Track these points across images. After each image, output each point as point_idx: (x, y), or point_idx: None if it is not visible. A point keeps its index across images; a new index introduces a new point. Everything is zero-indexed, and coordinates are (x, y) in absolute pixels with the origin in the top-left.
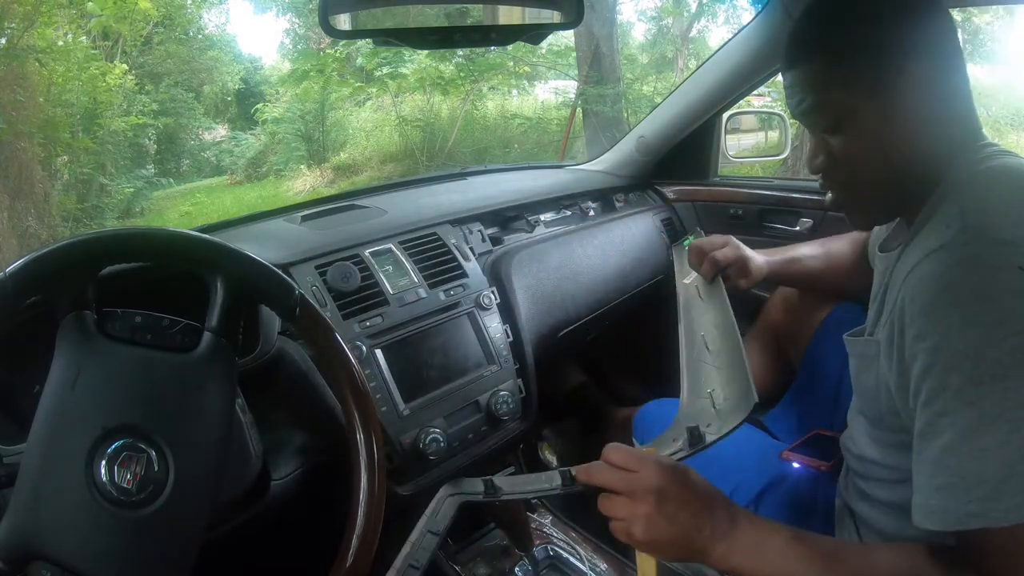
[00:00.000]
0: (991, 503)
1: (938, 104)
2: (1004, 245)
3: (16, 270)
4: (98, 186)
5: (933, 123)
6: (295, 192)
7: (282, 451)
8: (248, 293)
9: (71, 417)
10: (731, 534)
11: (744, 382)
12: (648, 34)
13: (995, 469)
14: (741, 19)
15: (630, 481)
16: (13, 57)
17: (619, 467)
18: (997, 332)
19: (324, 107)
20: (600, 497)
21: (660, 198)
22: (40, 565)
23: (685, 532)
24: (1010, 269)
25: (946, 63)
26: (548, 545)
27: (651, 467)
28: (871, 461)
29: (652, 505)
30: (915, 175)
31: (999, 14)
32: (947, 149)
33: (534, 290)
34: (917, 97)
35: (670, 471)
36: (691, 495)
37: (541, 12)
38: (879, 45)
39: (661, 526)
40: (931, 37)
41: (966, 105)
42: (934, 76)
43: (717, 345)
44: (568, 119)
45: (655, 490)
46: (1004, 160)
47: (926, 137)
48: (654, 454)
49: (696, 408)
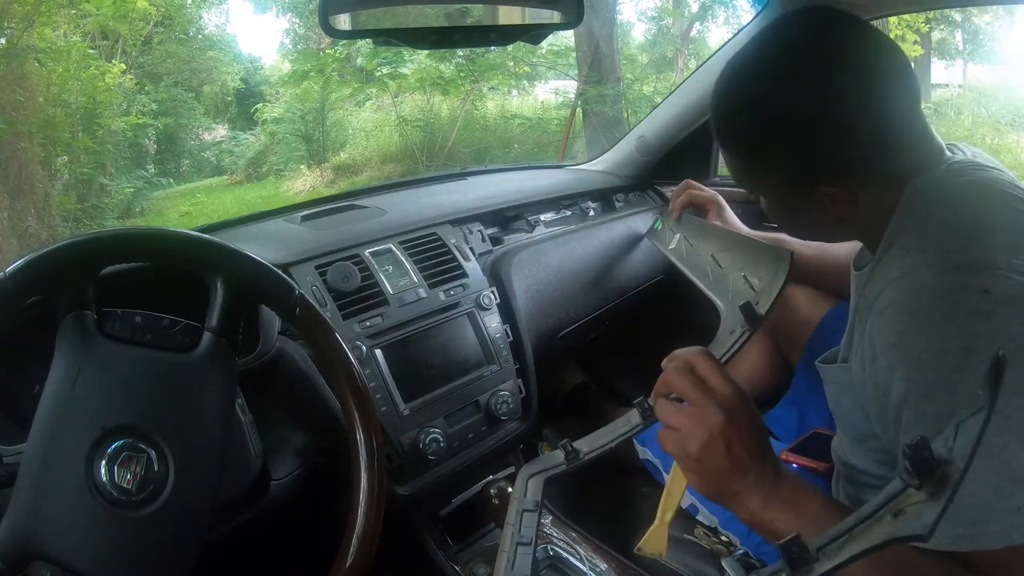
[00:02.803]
0: (981, 526)
1: (866, 172)
2: (966, 269)
3: (16, 270)
4: (98, 186)
5: (861, 191)
6: (295, 192)
7: (282, 451)
8: (248, 293)
9: (71, 417)
10: (772, 488)
11: (767, 250)
12: (648, 34)
13: (981, 494)
14: (741, 19)
15: (706, 394)
16: (13, 57)
17: (700, 376)
18: (968, 359)
19: (324, 107)
20: (663, 400)
21: (660, 198)
22: (40, 565)
23: (732, 468)
24: (974, 293)
25: (877, 94)
26: (548, 545)
27: (731, 387)
28: (860, 470)
29: (719, 426)
30: (854, 224)
31: (999, 14)
32: (899, 180)
33: (534, 290)
34: (832, 183)
35: (747, 400)
36: (753, 435)
37: (541, 12)
38: (789, 146)
39: (717, 449)
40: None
41: (911, 125)
42: (867, 124)
43: (727, 256)
44: (568, 119)
45: (728, 411)
46: (961, 179)
47: (853, 204)
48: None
49: (737, 304)
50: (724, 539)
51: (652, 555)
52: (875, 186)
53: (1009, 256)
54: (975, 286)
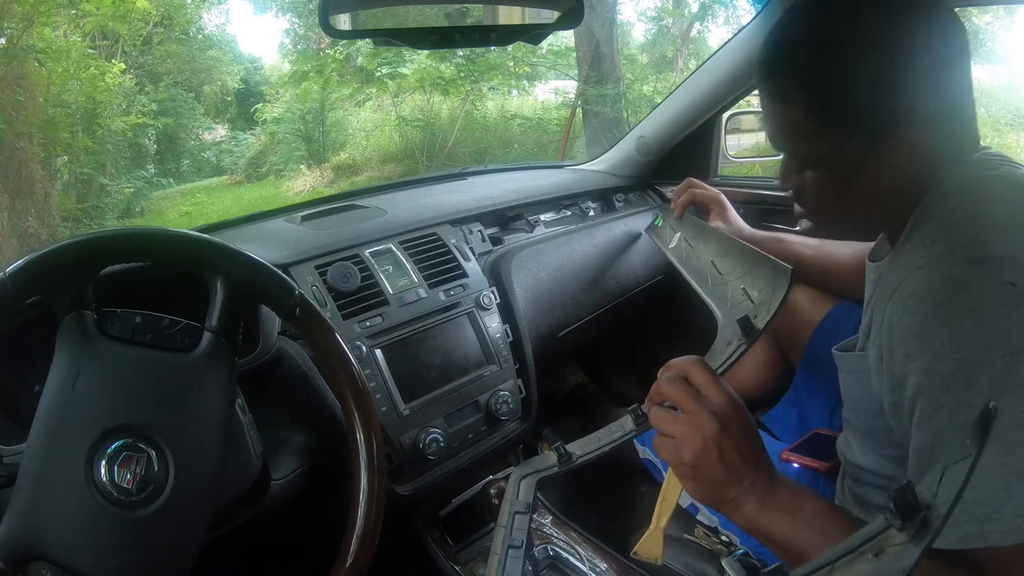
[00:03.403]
0: (990, 523)
1: (929, 129)
2: (991, 262)
3: (16, 270)
4: (98, 186)
5: (921, 150)
6: (295, 192)
7: (282, 451)
8: (248, 293)
9: (71, 417)
10: (767, 493)
11: (767, 262)
12: (648, 34)
13: (992, 490)
14: (741, 19)
15: (699, 402)
16: (12, 57)
17: (694, 384)
18: (989, 352)
19: (324, 107)
20: (657, 408)
21: (660, 198)
22: (40, 565)
23: (727, 474)
24: (998, 285)
25: (942, 76)
26: (548, 545)
27: (725, 395)
28: (867, 470)
29: (713, 434)
30: (894, 201)
31: (999, 14)
32: (934, 167)
33: (534, 290)
34: (906, 129)
35: (741, 408)
36: (747, 441)
37: (541, 12)
38: (863, 81)
39: (711, 456)
40: (923, 54)
41: (964, 113)
42: (927, 102)
43: (726, 262)
44: (568, 119)
45: (721, 419)
46: (991, 172)
47: (910, 166)
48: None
49: (735, 316)
50: (724, 539)
51: (648, 560)
52: (929, 155)
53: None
54: (1000, 279)
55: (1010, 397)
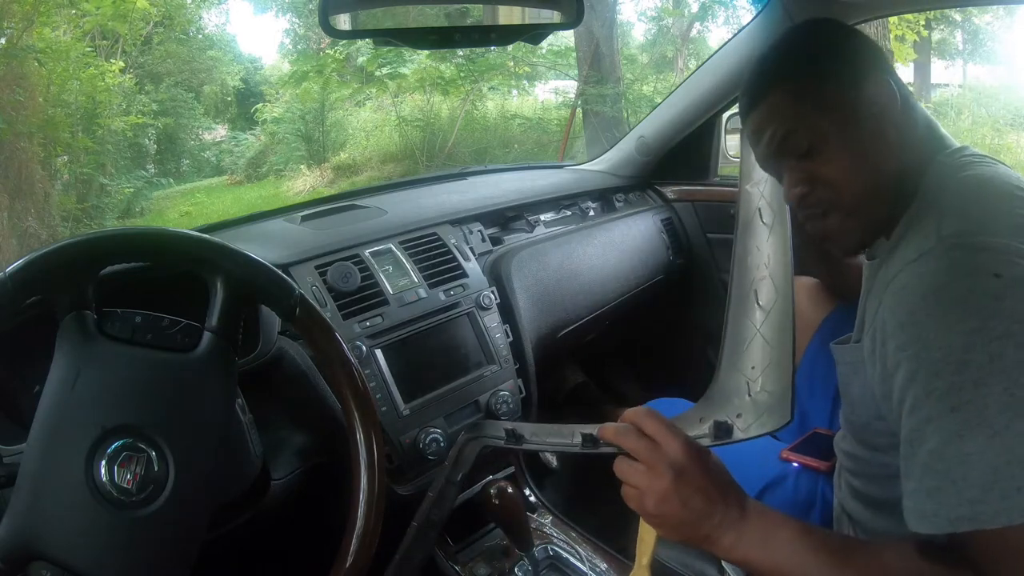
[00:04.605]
0: (980, 506)
1: (898, 114)
2: (981, 252)
3: (16, 270)
4: (98, 186)
5: (899, 131)
6: (295, 192)
7: (282, 451)
8: (248, 293)
9: (71, 417)
10: (740, 525)
11: (786, 376)
12: (648, 34)
13: (981, 473)
14: (741, 19)
15: (654, 453)
16: (12, 57)
17: (647, 435)
18: (977, 338)
19: (324, 107)
20: (619, 459)
21: (660, 198)
22: (40, 565)
23: (695, 517)
24: (987, 275)
25: (889, 76)
26: (548, 545)
27: (678, 444)
28: (862, 459)
29: (669, 483)
30: (893, 185)
31: (999, 14)
32: (918, 157)
33: (534, 290)
34: (878, 110)
35: (695, 453)
36: (708, 482)
37: (541, 12)
38: (837, 70)
39: (673, 505)
40: (868, 56)
41: (921, 112)
42: (885, 90)
43: (768, 299)
44: (568, 119)
45: (676, 468)
46: (979, 170)
47: (896, 145)
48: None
49: (731, 384)
50: None
51: None
52: (900, 167)
53: (1018, 241)
54: (988, 269)
55: (996, 383)
